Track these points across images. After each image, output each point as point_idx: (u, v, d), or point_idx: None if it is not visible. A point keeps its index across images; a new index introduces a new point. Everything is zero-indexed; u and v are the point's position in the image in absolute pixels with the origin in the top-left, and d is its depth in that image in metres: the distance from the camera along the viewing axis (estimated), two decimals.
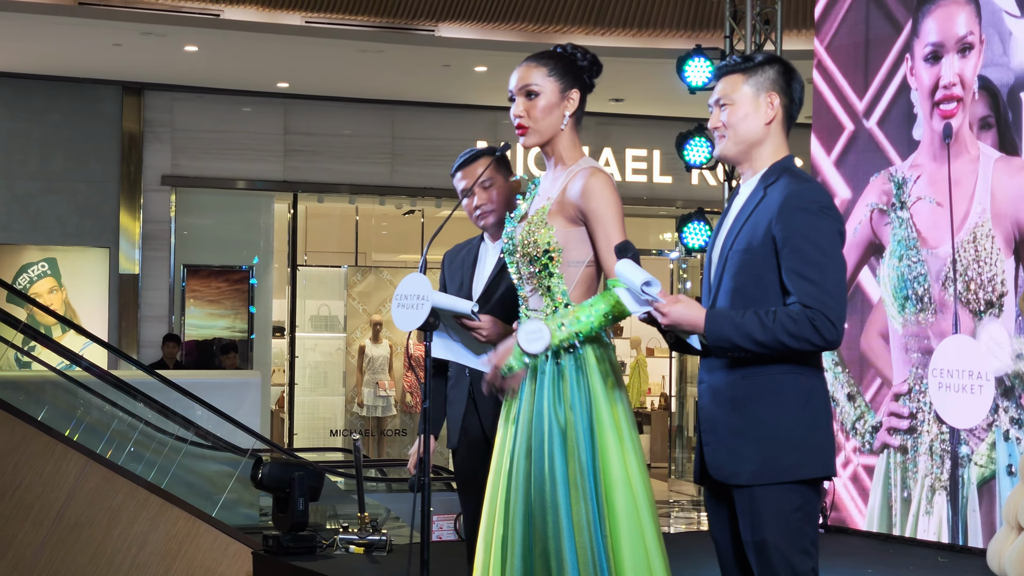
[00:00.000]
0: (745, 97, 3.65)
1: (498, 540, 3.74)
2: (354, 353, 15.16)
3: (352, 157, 14.66)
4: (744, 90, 3.65)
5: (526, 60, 3.92)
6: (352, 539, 6.96)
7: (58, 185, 13.78)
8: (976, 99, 7.34)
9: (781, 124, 3.66)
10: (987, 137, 7.28)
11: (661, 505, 13.43)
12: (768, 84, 3.64)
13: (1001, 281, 7.13)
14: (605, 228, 3.75)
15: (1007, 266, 7.11)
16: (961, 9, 7.46)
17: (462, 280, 4.61)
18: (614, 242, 3.70)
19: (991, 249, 7.19)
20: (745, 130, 3.64)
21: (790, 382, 3.51)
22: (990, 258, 7.19)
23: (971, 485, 7.21)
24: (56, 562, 7.84)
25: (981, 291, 7.22)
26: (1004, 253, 7.13)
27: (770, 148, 3.66)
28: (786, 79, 3.66)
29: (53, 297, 13.66)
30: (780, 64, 3.68)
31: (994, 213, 7.20)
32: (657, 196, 15.43)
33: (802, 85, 3.71)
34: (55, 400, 9.56)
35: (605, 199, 3.76)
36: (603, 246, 3.76)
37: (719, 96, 3.68)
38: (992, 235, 7.18)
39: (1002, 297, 7.11)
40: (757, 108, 3.64)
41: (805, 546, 3.50)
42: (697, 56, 9.78)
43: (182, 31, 11.97)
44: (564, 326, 3.67)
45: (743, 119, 3.64)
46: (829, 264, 3.47)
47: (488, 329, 4.15)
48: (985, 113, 7.30)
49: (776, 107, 3.64)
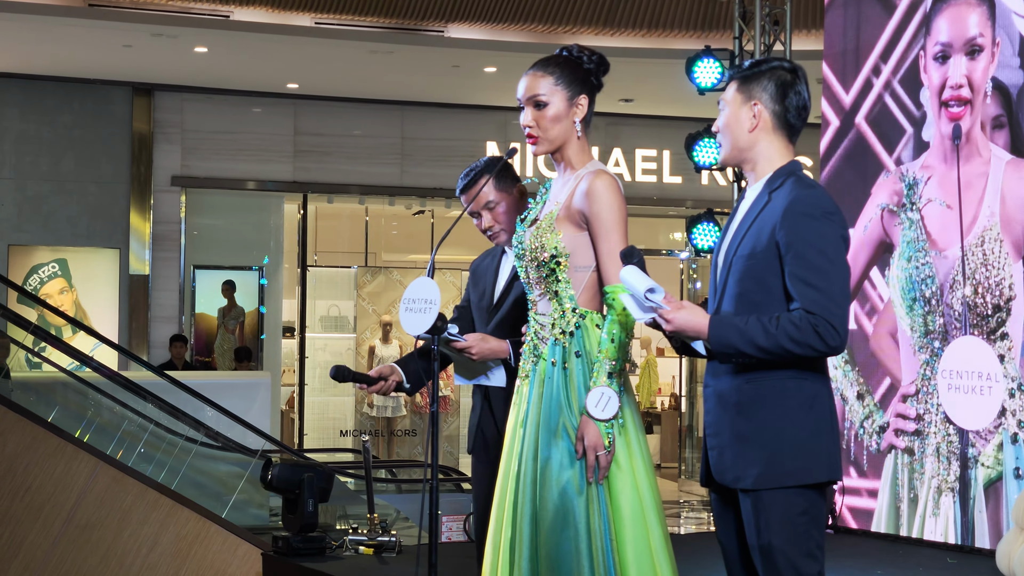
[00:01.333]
0: (735, 104, 3.67)
1: (506, 543, 3.75)
2: (364, 353, 15.18)
3: (362, 158, 14.68)
4: (735, 97, 3.67)
5: (532, 68, 3.92)
6: (361, 540, 6.96)
7: (69, 186, 13.81)
8: (989, 100, 7.32)
9: (772, 131, 3.65)
10: (1000, 137, 7.26)
11: (671, 506, 13.43)
12: (756, 92, 3.64)
13: (1009, 285, 7.11)
14: (605, 233, 3.76)
15: (1015, 270, 7.10)
16: (973, 10, 7.44)
17: (484, 289, 4.60)
18: (614, 247, 3.71)
19: (999, 253, 7.17)
20: (730, 136, 3.68)
21: (794, 387, 3.52)
22: (998, 262, 7.18)
23: (978, 486, 7.20)
24: (67, 563, 7.86)
25: (989, 295, 7.21)
26: (1012, 257, 7.11)
27: (767, 153, 3.65)
28: (778, 87, 3.64)
29: (64, 298, 13.70)
30: (779, 72, 3.66)
31: (1003, 217, 7.18)
32: (667, 196, 15.43)
33: (800, 92, 3.67)
34: (65, 401, 9.58)
35: (607, 203, 3.76)
36: (602, 250, 3.76)
37: (720, 100, 3.73)
38: (1000, 239, 7.16)
39: (1010, 302, 7.10)
40: (743, 115, 3.65)
41: (811, 550, 3.51)
42: (706, 57, 9.78)
43: (192, 32, 11.99)
44: (612, 375, 3.68)
45: (727, 125, 3.68)
46: (832, 270, 3.48)
47: (476, 347, 4.18)
48: (998, 112, 7.28)
49: (759, 115, 3.63)
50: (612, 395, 3.63)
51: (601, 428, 3.64)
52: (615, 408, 3.63)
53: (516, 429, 3.83)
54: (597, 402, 3.63)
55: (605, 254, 3.74)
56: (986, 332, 7.20)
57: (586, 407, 3.64)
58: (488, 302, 4.53)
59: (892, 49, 7.92)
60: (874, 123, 8.01)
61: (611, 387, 3.64)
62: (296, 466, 7.26)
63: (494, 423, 4.38)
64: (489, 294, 4.56)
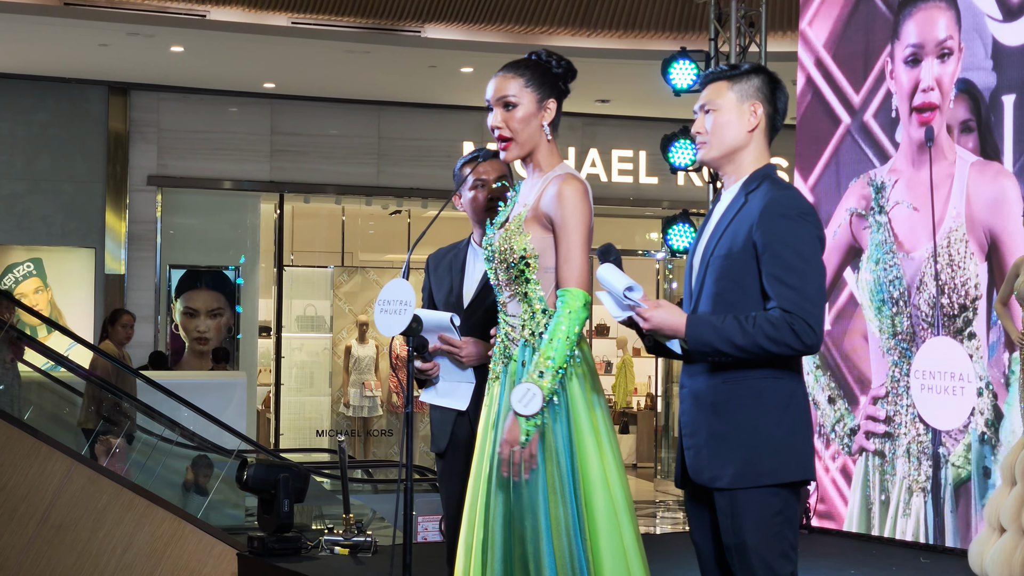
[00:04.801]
0: (729, 104, 3.68)
1: (478, 543, 3.76)
2: (340, 353, 15.16)
3: (338, 157, 14.67)
4: (729, 97, 3.68)
5: (502, 70, 3.93)
6: (337, 540, 6.97)
7: (44, 185, 13.76)
8: (955, 103, 7.38)
9: (764, 132, 3.69)
10: (968, 141, 7.32)
11: (647, 505, 13.46)
12: (753, 92, 3.68)
13: (975, 285, 7.17)
14: (567, 236, 3.76)
15: (981, 270, 7.16)
16: (942, 13, 7.50)
17: (451, 286, 4.57)
18: (572, 250, 3.73)
19: (965, 254, 7.23)
20: (728, 136, 3.68)
21: (770, 387, 3.55)
22: (964, 262, 7.24)
23: (948, 486, 7.25)
24: (41, 564, 7.84)
25: (955, 295, 7.26)
26: (978, 258, 7.17)
27: (752, 155, 3.69)
28: (771, 88, 3.70)
29: (39, 297, 13.65)
30: (766, 74, 3.72)
31: (968, 218, 7.24)
32: (643, 197, 15.46)
33: (787, 96, 3.75)
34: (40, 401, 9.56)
35: (571, 207, 3.77)
36: (561, 253, 3.76)
37: (704, 102, 3.72)
38: (966, 239, 7.23)
39: (976, 301, 7.16)
40: (741, 115, 3.67)
41: (785, 550, 3.53)
42: (682, 58, 9.80)
43: (168, 31, 11.96)
44: (544, 374, 3.66)
45: (726, 125, 3.68)
46: (809, 269, 3.51)
47: (466, 351, 4.20)
48: (966, 117, 7.34)
49: (759, 116, 3.67)
50: (538, 393, 3.62)
51: (521, 424, 3.64)
52: (538, 406, 3.62)
53: (487, 430, 3.84)
54: (521, 397, 3.63)
55: (563, 257, 3.75)
56: (953, 332, 7.26)
57: (511, 401, 3.65)
58: (456, 300, 4.52)
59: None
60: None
61: (539, 385, 3.63)
62: (272, 466, 7.26)
63: (469, 425, 4.39)
64: (457, 291, 4.54)
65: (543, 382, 3.64)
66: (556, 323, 3.69)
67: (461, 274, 4.57)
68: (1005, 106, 7.14)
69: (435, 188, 14.41)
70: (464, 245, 4.64)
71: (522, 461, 3.65)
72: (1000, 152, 7.14)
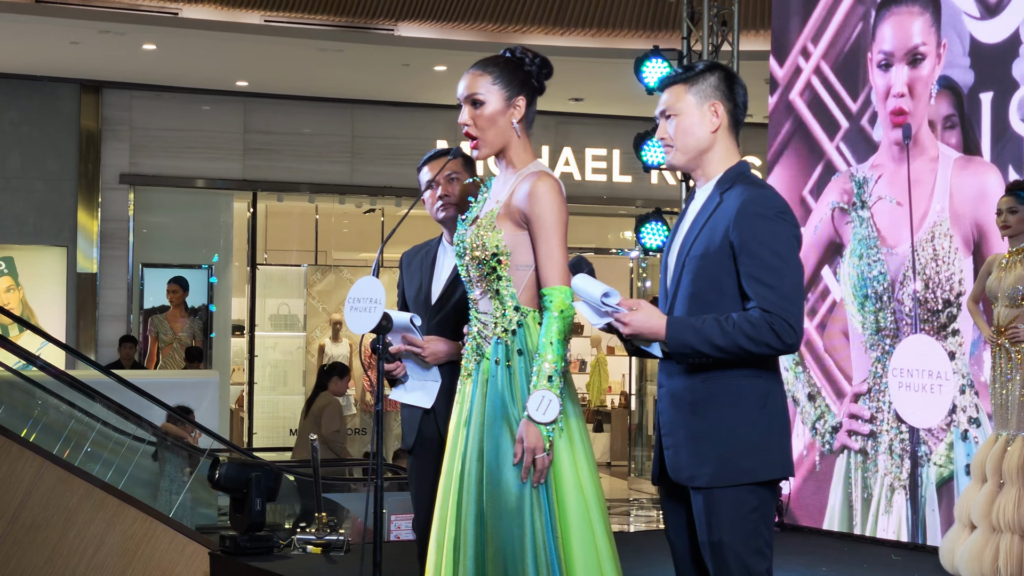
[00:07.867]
0: (689, 107, 3.67)
1: (450, 541, 3.75)
2: (314, 352, 15.13)
3: (312, 156, 14.64)
4: (688, 100, 3.67)
5: (472, 67, 3.91)
6: (309, 539, 6.95)
7: (15, 183, 13.70)
8: (938, 100, 7.39)
9: (728, 130, 3.69)
10: (952, 136, 7.34)
11: (621, 504, 13.47)
12: (711, 92, 3.67)
13: (959, 280, 7.19)
14: (545, 234, 3.74)
15: (965, 265, 7.18)
16: (916, 17, 7.52)
17: (420, 283, 4.58)
18: (553, 249, 3.72)
19: (949, 248, 7.25)
20: (692, 140, 3.67)
21: (748, 386, 3.55)
22: (948, 257, 7.26)
23: (930, 485, 7.27)
24: (11, 564, 7.79)
25: (939, 290, 7.28)
26: (963, 252, 7.19)
27: (720, 154, 3.68)
28: (728, 85, 3.69)
29: (10, 296, 13.58)
30: (721, 70, 3.71)
31: (952, 213, 7.26)
32: (617, 195, 15.47)
33: (745, 89, 3.73)
34: (11, 401, 9.50)
35: (548, 204, 3.75)
36: (541, 252, 3.75)
37: (664, 107, 3.71)
38: (950, 234, 7.25)
39: (960, 296, 7.18)
40: (702, 117, 3.67)
41: (760, 547, 3.54)
42: (654, 57, 9.82)
43: (140, 29, 11.92)
44: (552, 378, 3.65)
45: (689, 129, 3.67)
46: (786, 269, 3.51)
47: (429, 350, 4.20)
48: (949, 112, 7.36)
49: (721, 115, 3.67)
50: (553, 398, 3.63)
51: (542, 431, 3.64)
52: (556, 411, 3.63)
53: (459, 428, 3.83)
54: (538, 406, 3.63)
55: (544, 256, 3.74)
56: (936, 328, 7.27)
57: (527, 410, 3.65)
58: (426, 297, 4.52)
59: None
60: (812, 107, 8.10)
61: (552, 390, 3.64)
62: (244, 465, 7.24)
63: (435, 423, 4.38)
64: (426, 289, 4.54)
65: (553, 386, 3.64)
66: (548, 325, 3.69)
67: (431, 271, 4.57)
68: (983, 104, 7.17)
69: (409, 187, 14.39)
70: (436, 243, 4.64)
71: (543, 467, 3.65)
72: (979, 149, 7.16)
